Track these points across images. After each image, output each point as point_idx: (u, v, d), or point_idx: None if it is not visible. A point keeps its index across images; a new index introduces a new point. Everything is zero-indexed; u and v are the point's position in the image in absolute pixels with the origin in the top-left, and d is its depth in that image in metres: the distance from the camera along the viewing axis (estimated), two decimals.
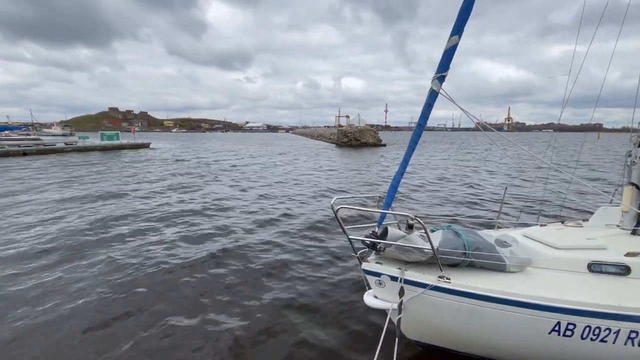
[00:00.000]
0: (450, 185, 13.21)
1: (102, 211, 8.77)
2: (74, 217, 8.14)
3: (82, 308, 4.11)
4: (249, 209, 9.19)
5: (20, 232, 6.97)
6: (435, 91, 2.93)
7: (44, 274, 5.00)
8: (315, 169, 18.70)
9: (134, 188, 12.37)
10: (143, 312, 4.03)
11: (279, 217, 8.27)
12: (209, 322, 3.83)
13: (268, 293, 4.50)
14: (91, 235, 6.79)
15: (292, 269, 5.25)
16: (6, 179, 14.37)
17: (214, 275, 5.01)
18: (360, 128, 44.26)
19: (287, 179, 14.75)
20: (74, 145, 33.17)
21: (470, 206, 9.41)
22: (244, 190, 12.11)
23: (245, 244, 6.30)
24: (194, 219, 7.99)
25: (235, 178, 15.17)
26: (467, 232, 3.03)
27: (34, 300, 4.29)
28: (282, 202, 10.00)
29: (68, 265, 5.32)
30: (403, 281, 2.75)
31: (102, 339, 3.53)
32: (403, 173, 3.19)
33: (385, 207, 3.20)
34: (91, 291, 4.50)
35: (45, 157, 25.75)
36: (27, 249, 6.00)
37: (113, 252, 5.88)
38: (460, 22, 2.83)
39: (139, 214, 8.44)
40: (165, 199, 10.39)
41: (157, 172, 17.58)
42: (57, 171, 17.58)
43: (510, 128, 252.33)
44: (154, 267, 5.24)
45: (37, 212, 8.64)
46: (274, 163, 22.24)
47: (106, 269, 5.21)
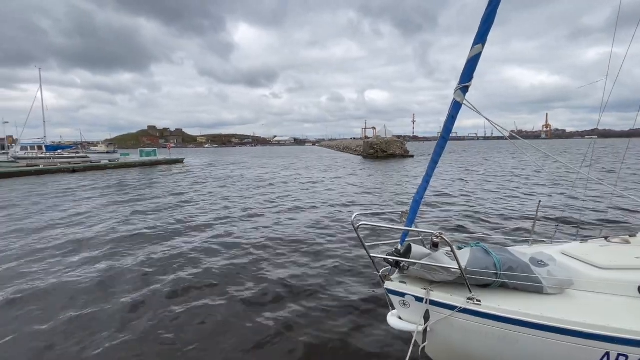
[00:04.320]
0: (477, 198, 12.59)
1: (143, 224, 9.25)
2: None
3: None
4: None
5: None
6: (458, 102, 2.82)
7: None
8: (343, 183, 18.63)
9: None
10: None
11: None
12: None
13: (279, 306, 4.47)
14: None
15: (309, 282, 5.18)
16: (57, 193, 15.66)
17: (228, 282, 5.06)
18: (387, 139, 43.75)
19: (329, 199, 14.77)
20: (116, 162, 35.63)
21: (500, 221, 8.84)
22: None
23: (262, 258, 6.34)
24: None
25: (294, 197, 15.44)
26: (498, 250, 2.83)
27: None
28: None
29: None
30: (429, 302, 2.61)
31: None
32: (426, 188, 3.07)
33: (409, 224, 3.09)
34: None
35: (92, 174, 27.84)
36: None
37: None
38: (484, 31, 2.73)
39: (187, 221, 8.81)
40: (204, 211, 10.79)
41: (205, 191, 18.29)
42: (116, 191, 18.82)
43: (548, 135, 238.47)
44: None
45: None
46: (311, 181, 22.41)
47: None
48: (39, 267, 6.11)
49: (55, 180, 22.45)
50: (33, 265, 6.24)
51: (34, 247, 7.34)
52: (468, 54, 2.80)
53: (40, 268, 6.07)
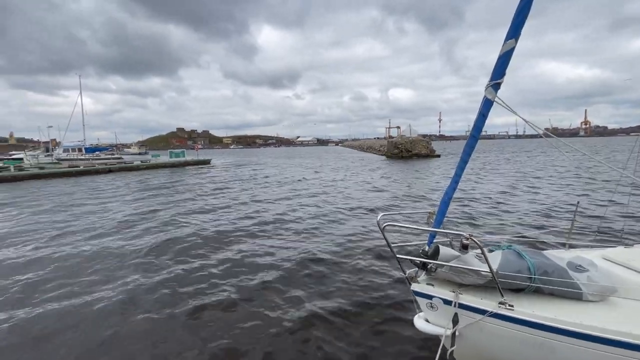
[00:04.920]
0: (511, 198, 12.05)
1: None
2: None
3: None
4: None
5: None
6: (489, 100, 2.73)
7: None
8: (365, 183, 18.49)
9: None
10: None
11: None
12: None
13: (301, 301, 4.50)
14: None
15: (335, 280, 5.19)
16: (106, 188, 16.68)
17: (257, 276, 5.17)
18: (412, 139, 42.87)
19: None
20: (148, 163, 37.40)
21: (534, 223, 8.40)
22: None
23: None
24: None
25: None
26: (532, 253, 2.71)
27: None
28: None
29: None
30: (458, 305, 2.55)
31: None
32: (455, 188, 2.99)
33: (436, 225, 3.02)
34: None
35: (126, 174, 29.48)
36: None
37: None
38: (517, 25, 2.61)
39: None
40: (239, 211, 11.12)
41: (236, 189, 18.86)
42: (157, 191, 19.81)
43: (587, 133, 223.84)
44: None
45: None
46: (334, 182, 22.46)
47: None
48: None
49: (91, 180, 23.94)
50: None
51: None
52: (500, 50, 2.70)
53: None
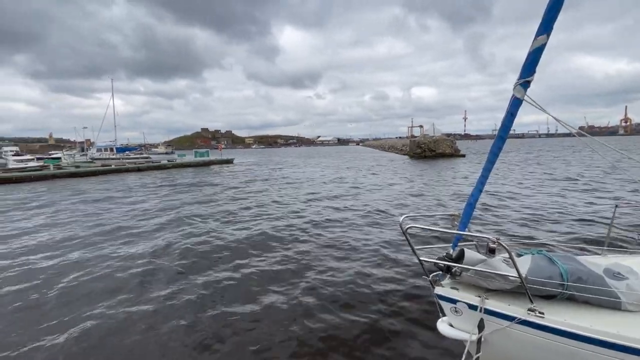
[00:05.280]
0: (539, 199, 11.50)
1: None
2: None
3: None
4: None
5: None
6: (518, 98, 2.62)
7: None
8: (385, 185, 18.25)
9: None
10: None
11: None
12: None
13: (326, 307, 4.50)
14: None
15: (353, 286, 5.16)
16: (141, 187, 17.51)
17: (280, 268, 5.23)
18: (435, 138, 41.89)
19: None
20: (174, 162, 38.80)
21: (566, 228, 7.97)
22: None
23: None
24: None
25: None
26: (565, 259, 2.58)
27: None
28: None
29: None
30: (484, 311, 2.47)
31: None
32: (482, 190, 2.90)
33: (462, 228, 2.94)
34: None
35: (154, 172, 30.77)
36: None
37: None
38: (548, 20, 2.48)
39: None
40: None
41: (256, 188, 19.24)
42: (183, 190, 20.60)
43: (627, 131, 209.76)
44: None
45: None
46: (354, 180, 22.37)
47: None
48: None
49: (121, 178, 25.14)
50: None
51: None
52: (530, 46, 2.59)
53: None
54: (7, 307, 4.82)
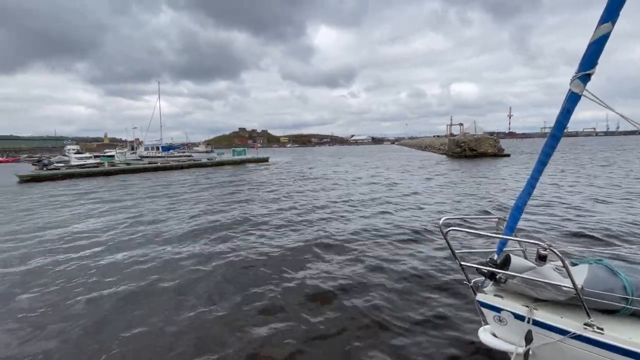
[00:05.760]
0: (600, 205, 10.47)
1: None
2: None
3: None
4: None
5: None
6: (576, 94, 2.40)
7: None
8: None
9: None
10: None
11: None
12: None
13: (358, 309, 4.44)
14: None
15: (390, 290, 5.05)
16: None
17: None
18: (477, 136, 39.78)
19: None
20: (213, 160, 40.65)
21: (628, 237, 7.18)
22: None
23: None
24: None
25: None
26: (629, 270, 2.33)
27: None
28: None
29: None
30: (532, 322, 2.31)
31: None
32: (531, 193, 2.70)
33: (508, 232, 2.77)
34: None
35: (195, 170, 32.52)
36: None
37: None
38: (616, 6, 2.24)
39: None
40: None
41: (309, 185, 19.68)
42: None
43: None
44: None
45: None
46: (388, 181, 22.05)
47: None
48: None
49: (167, 175, 26.81)
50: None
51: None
52: (591, 36, 2.35)
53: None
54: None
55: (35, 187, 22.21)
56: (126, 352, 3.71)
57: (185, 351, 3.68)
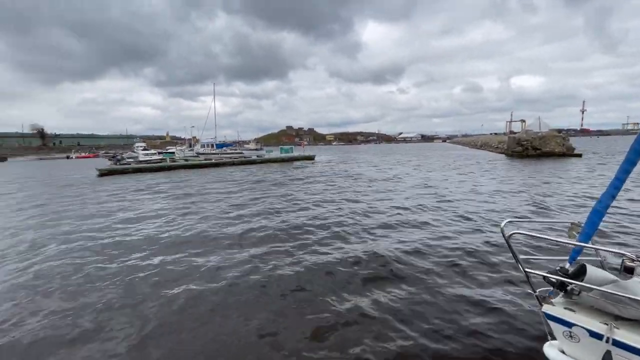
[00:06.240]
0: None
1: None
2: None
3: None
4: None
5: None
6: None
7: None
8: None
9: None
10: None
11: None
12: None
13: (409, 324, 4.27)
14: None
15: (444, 298, 4.80)
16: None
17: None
18: (542, 134, 36.05)
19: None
20: (262, 158, 42.30)
21: None
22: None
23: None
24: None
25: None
26: None
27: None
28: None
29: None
30: (612, 342, 2.03)
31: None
32: (615, 195, 2.35)
33: (584, 239, 2.45)
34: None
35: (245, 166, 34.19)
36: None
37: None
38: None
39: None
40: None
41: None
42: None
43: None
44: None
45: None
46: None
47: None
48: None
49: (222, 169, 28.52)
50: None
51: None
52: None
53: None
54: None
55: (110, 179, 25.23)
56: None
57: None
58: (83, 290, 5.31)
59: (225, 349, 3.66)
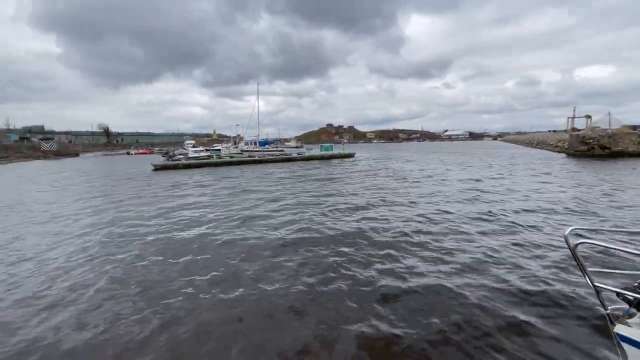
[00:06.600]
0: None
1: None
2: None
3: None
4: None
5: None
6: None
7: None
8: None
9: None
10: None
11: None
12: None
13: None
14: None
15: (501, 313, 4.43)
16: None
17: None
18: (612, 131, 32.07)
19: None
20: (302, 155, 42.87)
21: None
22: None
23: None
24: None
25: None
26: None
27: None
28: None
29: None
30: None
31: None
32: None
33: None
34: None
35: (286, 163, 34.96)
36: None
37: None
38: None
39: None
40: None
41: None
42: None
43: None
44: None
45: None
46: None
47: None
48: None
49: (264, 166, 29.40)
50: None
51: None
52: None
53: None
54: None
55: (163, 173, 27.34)
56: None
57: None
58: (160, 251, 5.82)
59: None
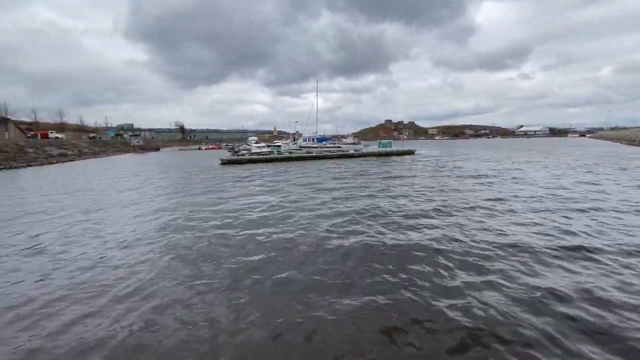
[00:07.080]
0: None
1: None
2: None
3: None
4: None
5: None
6: None
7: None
8: None
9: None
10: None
11: None
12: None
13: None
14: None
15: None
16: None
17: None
18: None
19: None
20: (360, 152, 42.33)
21: None
22: None
23: None
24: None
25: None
26: None
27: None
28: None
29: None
30: None
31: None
32: None
33: None
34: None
35: (343, 160, 34.87)
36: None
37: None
38: None
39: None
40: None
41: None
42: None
43: None
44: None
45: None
46: None
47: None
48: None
49: (321, 162, 29.69)
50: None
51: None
52: None
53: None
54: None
55: (230, 167, 29.49)
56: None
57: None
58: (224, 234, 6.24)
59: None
